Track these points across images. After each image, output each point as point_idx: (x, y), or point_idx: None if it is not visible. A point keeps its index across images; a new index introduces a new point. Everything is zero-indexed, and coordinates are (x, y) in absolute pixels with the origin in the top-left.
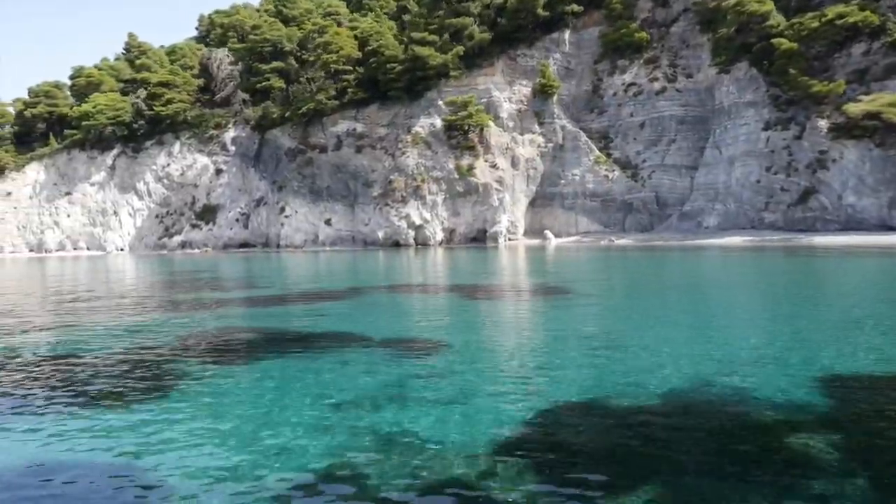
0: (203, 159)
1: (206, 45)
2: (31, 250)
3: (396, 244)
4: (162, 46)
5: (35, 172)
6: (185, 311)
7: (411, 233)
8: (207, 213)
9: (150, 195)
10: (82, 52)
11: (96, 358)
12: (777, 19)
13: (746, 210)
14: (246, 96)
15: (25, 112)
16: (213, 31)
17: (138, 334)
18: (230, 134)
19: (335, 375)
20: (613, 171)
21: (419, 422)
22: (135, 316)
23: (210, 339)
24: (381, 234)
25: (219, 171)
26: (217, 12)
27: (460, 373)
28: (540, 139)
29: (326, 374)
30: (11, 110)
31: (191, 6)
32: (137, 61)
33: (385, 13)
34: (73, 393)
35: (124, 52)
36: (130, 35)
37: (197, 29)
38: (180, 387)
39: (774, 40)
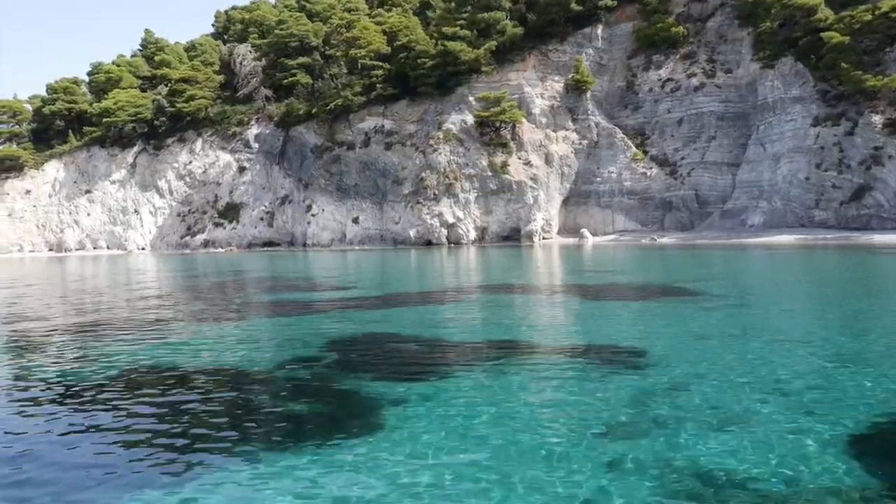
0: (225, 157)
1: (224, 41)
2: (50, 249)
3: (429, 243)
4: (177, 43)
5: (54, 170)
6: (301, 315)
7: (444, 231)
8: (231, 212)
9: (171, 193)
10: (96, 50)
11: (254, 377)
12: (825, 13)
13: (794, 208)
14: (269, 92)
15: (44, 109)
16: (231, 27)
17: (275, 344)
18: (253, 131)
19: (561, 393)
20: (651, 168)
21: (707, 449)
22: (249, 323)
23: (367, 350)
24: (412, 233)
25: (242, 169)
26: (234, 8)
27: (696, 385)
28: (574, 136)
29: (548, 391)
30: (28, 108)
31: (205, 2)
32: (156, 57)
33: (410, 8)
34: (248, 428)
35: (141, 48)
36: (147, 31)
37: (213, 25)
38: (379, 413)
39: (824, 34)
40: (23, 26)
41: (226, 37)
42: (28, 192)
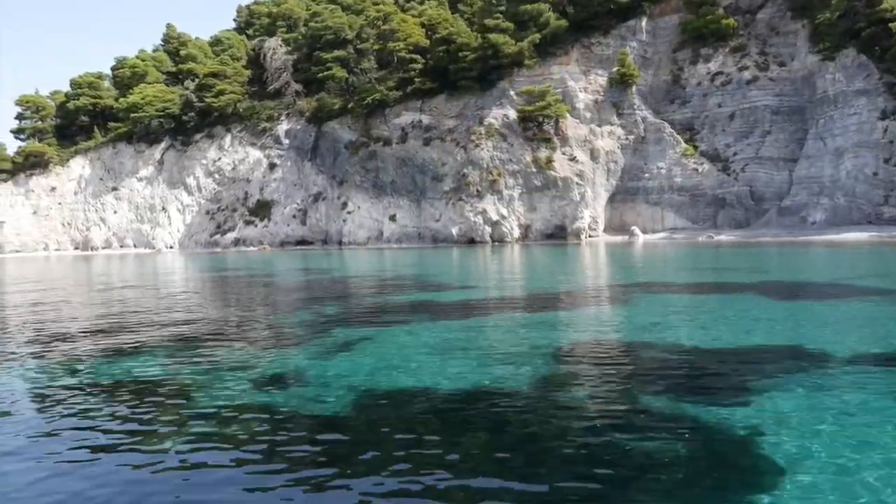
0: (255, 153)
1: (248, 36)
2: (76, 248)
3: (471, 241)
4: (198, 38)
5: (80, 167)
6: (475, 318)
7: (487, 229)
8: (262, 209)
9: (199, 190)
10: (109, 48)
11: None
12: (891, 2)
13: (861, 204)
14: (299, 87)
15: (68, 104)
16: (256, 21)
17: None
18: (283, 126)
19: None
20: (702, 164)
21: None
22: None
23: (640, 360)
24: (454, 231)
25: (272, 166)
26: (258, 2)
27: None
28: (619, 131)
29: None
30: (51, 103)
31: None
32: (181, 52)
33: (444, 0)
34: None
35: (163, 43)
36: (169, 26)
37: (235, 20)
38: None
39: (892, 24)
40: (39, 24)
41: (249, 32)
42: (53, 189)
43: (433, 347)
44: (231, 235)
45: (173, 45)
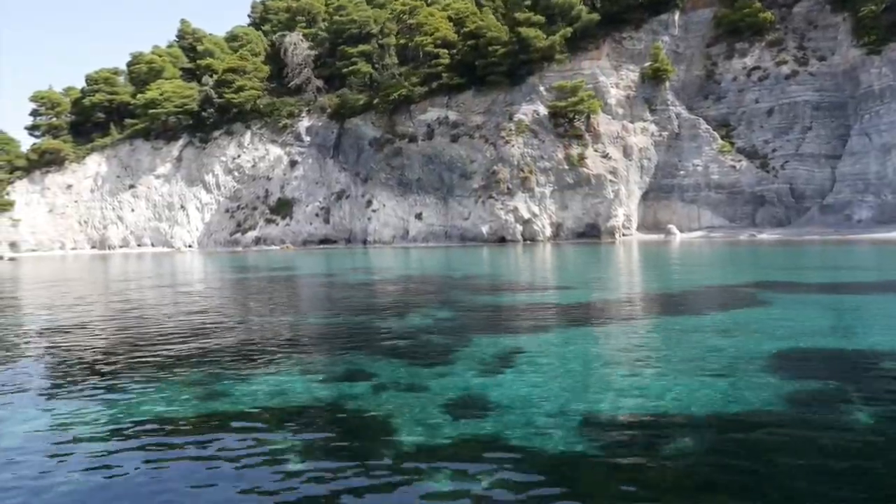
0: (276, 150)
1: (264, 32)
2: (93, 247)
3: (502, 239)
4: (211, 35)
5: (96, 164)
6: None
7: (519, 227)
8: (283, 208)
9: (219, 188)
10: (118, 44)
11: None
12: None
13: None
14: (320, 83)
15: (84, 100)
16: (272, 17)
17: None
18: (304, 123)
19: None
20: (740, 161)
21: None
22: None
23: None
24: (484, 229)
25: (293, 163)
26: None
27: None
28: (652, 127)
29: None
30: (66, 100)
31: None
32: (199, 47)
33: None
34: None
35: (177, 38)
36: (183, 21)
37: (250, 16)
38: None
39: None
40: (45, 22)
41: (265, 28)
42: (69, 186)
43: (609, 360)
44: (252, 234)
45: (188, 40)
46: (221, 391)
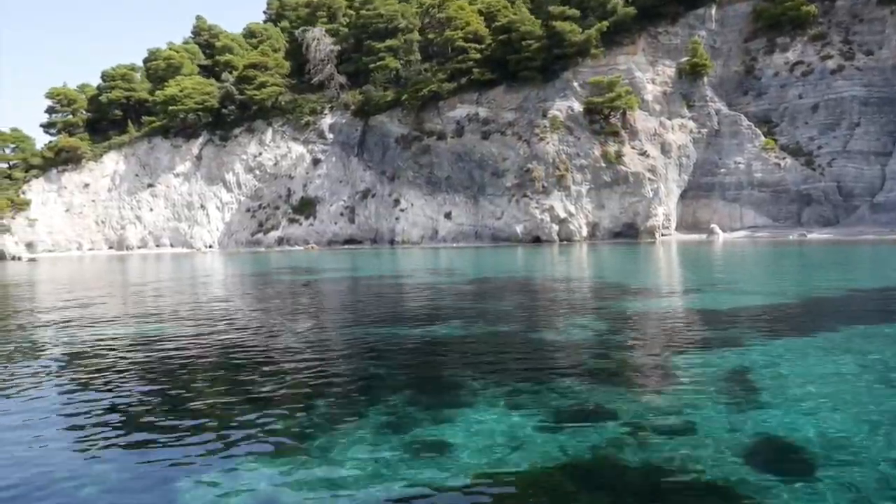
0: (298, 148)
1: (281, 28)
2: (110, 247)
3: (537, 239)
4: (225, 34)
5: (113, 162)
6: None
7: (555, 227)
8: (306, 207)
9: (240, 187)
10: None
11: None
12: None
13: None
14: (343, 79)
15: (100, 97)
16: (289, 13)
17: None
18: (327, 120)
19: None
20: (784, 158)
21: None
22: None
23: None
24: (519, 229)
25: (316, 161)
26: None
27: None
28: (691, 124)
29: None
30: (82, 97)
31: None
32: (217, 43)
33: None
34: None
35: (192, 35)
36: (199, 18)
37: (265, 12)
38: None
39: None
40: (61, 18)
41: (281, 24)
42: (86, 185)
43: (878, 377)
44: (274, 234)
45: (204, 37)
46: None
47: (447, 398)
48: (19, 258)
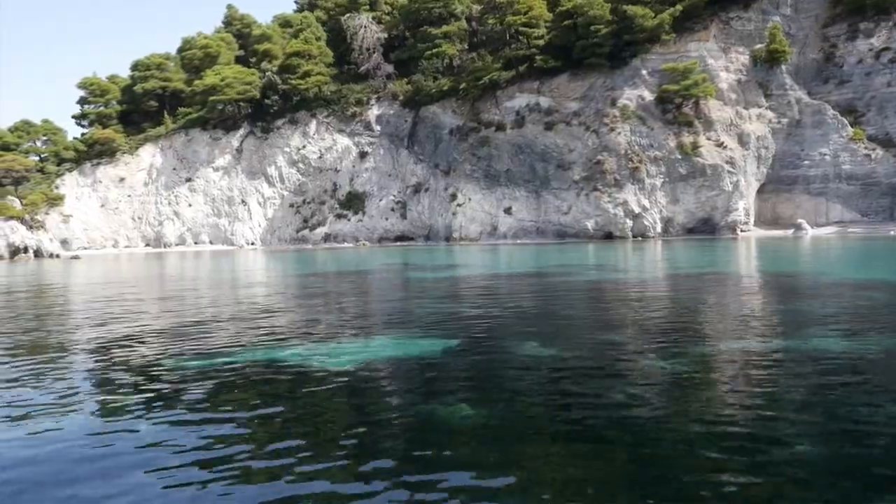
0: (344, 140)
1: (316, 17)
2: (147, 245)
3: (608, 236)
4: (257, 24)
5: (150, 155)
6: None
7: (629, 222)
8: (354, 202)
9: (282, 181)
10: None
11: None
12: None
13: None
14: (390, 68)
15: (135, 87)
16: (322, 3)
17: None
18: (374, 111)
19: None
20: (874, 149)
21: None
22: None
23: None
24: (590, 224)
25: (363, 154)
26: None
27: None
28: (769, 114)
29: None
30: (115, 87)
31: None
32: (254, 32)
33: None
34: None
35: (224, 24)
36: (230, 7)
37: (297, 1)
38: None
39: None
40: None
41: (316, 13)
42: (122, 179)
43: None
44: (321, 230)
45: (236, 26)
46: None
47: None
48: (57, 256)
